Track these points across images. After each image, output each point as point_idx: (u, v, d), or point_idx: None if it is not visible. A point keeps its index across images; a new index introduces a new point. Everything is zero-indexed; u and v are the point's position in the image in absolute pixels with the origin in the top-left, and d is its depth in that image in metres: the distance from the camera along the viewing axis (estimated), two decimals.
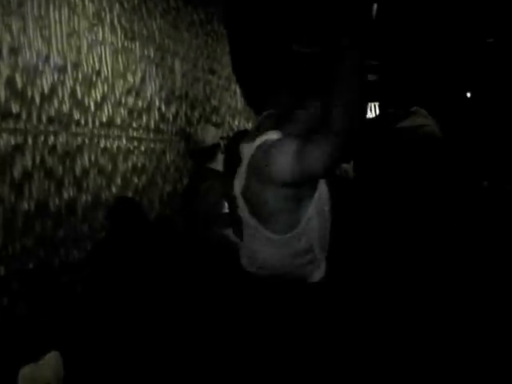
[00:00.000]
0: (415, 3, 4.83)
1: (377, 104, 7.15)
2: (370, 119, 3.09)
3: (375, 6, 4.55)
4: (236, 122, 4.45)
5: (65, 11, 2.63)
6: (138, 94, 3.17)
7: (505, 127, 4.07)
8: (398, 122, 2.89)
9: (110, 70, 2.93)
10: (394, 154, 2.75)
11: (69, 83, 2.63)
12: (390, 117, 3.07)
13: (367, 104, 6.34)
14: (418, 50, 4.92)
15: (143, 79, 3.22)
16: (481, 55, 4.23)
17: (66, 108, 2.61)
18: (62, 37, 2.60)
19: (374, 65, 5.93)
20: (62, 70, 2.59)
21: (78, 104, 2.69)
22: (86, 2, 2.78)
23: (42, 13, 2.48)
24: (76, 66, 2.68)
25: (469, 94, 3.97)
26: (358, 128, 1.59)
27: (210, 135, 2.85)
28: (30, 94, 2.41)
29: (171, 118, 3.50)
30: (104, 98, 2.88)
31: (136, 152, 3.13)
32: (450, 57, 3.75)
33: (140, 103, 3.19)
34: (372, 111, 6.60)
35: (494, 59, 4.26)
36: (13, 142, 2.32)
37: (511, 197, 2.81)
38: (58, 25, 2.58)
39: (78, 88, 2.69)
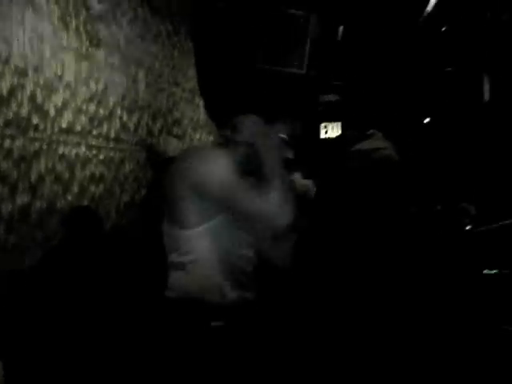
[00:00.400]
0: (380, 27, 4.95)
1: (339, 124, 7.26)
2: (328, 139, 3.14)
3: (341, 28, 4.63)
4: (197, 136, 4.44)
5: (29, 13, 2.58)
6: (99, 102, 3.13)
7: (461, 153, 4.20)
8: (355, 144, 2.95)
9: (73, 75, 2.88)
10: (349, 176, 2.80)
11: (29, 87, 2.57)
12: (348, 138, 3.13)
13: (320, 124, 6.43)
14: (380, 73, 5.04)
15: (106, 87, 3.19)
16: (440, 83, 4.36)
17: (24, 112, 2.55)
18: (24, 39, 2.54)
19: (336, 85, 6.02)
20: (22, 73, 2.53)
21: (38, 109, 2.63)
22: (52, 6, 2.74)
23: (5, 13, 2.42)
24: (37, 70, 2.63)
25: (426, 121, 4.08)
26: None
27: (172, 147, 2.84)
28: None
29: (132, 127, 3.46)
30: (65, 104, 2.83)
31: (94, 160, 3.08)
32: (411, 83, 3.84)
33: (102, 111, 3.15)
34: (334, 131, 6.70)
35: (453, 87, 4.40)
36: None
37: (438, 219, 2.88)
38: (20, 27, 2.53)
39: (38, 92, 2.63)
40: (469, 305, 2.53)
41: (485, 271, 2.54)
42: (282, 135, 2.03)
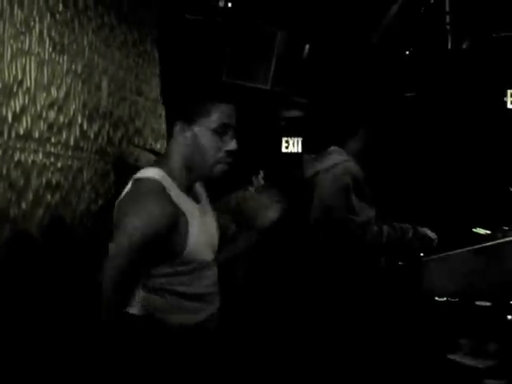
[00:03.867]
0: (345, 47, 5.04)
1: (300, 139, 7.31)
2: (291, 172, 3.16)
3: (307, 46, 4.68)
4: (158, 146, 4.40)
5: None
6: (60, 109, 3.07)
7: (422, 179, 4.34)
8: (315, 165, 2.98)
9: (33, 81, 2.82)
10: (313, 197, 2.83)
11: None
12: (307, 158, 3.15)
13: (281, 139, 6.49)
14: (342, 92, 5.12)
15: (67, 94, 3.13)
16: (400, 108, 4.47)
17: None
18: None
19: (299, 102, 6.07)
20: None
21: None
22: (15, 9, 2.68)
23: None
24: None
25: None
26: None
27: (145, 160, 2.83)
28: None
29: (92, 136, 3.41)
30: (24, 109, 2.77)
31: (52, 168, 3.02)
32: (372, 106, 3.91)
33: (62, 118, 3.09)
34: (295, 145, 6.76)
35: (413, 113, 4.51)
36: None
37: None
38: None
39: None
40: (417, 331, 2.59)
41: (436, 298, 2.61)
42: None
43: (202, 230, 1.76)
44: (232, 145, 1.78)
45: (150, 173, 1.74)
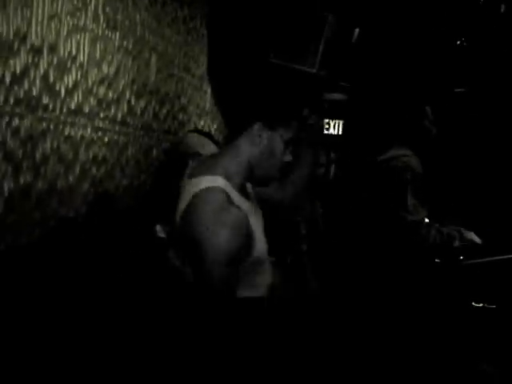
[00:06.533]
0: (395, 34, 4.94)
1: (341, 122, 7.28)
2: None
3: (357, 30, 4.62)
4: (202, 122, 4.44)
5: None
6: (110, 85, 3.11)
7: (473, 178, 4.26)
8: (379, 156, 2.96)
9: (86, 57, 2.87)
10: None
11: (42, 67, 2.56)
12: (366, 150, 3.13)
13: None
14: (388, 79, 5.03)
15: (118, 70, 3.17)
16: (449, 103, 4.38)
17: (35, 91, 2.54)
18: (42, 18, 2.52)
19: (343, 85, 6.00)
20: (37, 52, 2.51)
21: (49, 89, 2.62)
22: None
23: None
24: (52, 49, 2.61)
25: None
26: None
27: (190, 140, 2.88)
28: (0, 73, 2.33)
29: (139, 111, 3.46)
30: (76, 85, 2.82)
31: (99, 143, 3.08)
32: (417, 94, 3.85)
33: (111, 94, 3.14)
34: (335, 129, 6.71)
35: (462, 108, 4.41)
36: None
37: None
38: (39, 5, 2.50)
39: (51, 72, 2.62)
40: (449, 334, 2.59)
41: (473, 304, 2.60)
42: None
43: (257, 226, 1.81)
44: (289, 157, 1.88)
45: (214, 182, 1.76)
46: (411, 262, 2.66)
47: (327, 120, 6.59)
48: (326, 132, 6.58)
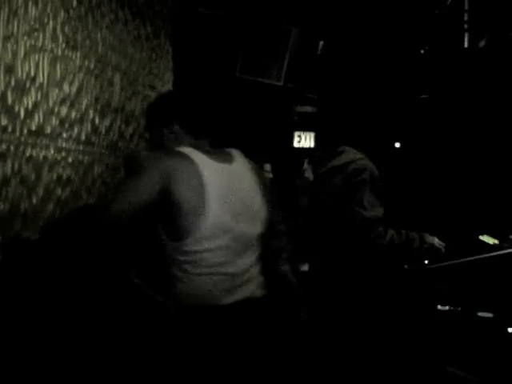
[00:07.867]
0: (359, 44, 5.00)
1: (312, 134, 7.30)
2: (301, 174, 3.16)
3: (321, 43, 4.67)
4: None
5: (4, 13, 2.54)
6: (72, 105, 3.10)
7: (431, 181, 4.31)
8: (328, 163, 2.98)
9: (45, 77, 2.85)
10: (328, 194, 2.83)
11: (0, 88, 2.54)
12: (317, 159, 3.16)
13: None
14: (356, 90, 5.09)
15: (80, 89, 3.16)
16: (413, 109, 4.44)
17: None
18: None
19: (312, 98, 6.05)
20: None
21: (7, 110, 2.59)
22: (29, 6, 2.70)
23: None
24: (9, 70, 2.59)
25: (397, 145, 4.15)
26: None
27: None
28: None
29: (104, 131, 3.44)
30: (36, 105, 2.80)
31: (63, 163, 3.05)
32: (385, 104, 3.90)
33: (74, 114, 3.12)
34: (307, 141, 6.75)
35: (426, 114, 4.48)
36: None
37: None
38: None
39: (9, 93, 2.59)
40: (416, 338, 2.60)
41: (438, 307, 2.61)
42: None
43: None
44: None
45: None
46: (375, 264, 2.66)
47: (299, 133, 6.66)
48: (297, 145, 6.65)
